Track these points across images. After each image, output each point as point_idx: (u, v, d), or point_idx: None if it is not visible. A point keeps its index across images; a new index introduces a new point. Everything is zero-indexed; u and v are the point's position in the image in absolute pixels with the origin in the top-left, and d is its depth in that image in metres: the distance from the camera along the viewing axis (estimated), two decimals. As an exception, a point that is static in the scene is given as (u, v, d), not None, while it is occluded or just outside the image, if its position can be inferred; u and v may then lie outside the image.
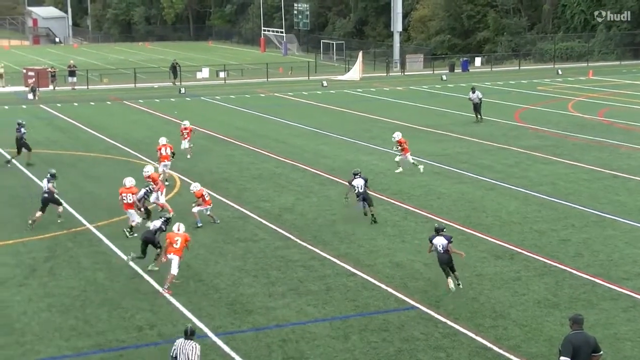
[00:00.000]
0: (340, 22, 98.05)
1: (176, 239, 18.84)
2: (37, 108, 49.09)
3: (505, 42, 78.15)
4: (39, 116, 45.76)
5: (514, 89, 56.57)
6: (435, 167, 31.35)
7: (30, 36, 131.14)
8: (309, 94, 55.62)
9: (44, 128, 41.40)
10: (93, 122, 42.80)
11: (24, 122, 32.82)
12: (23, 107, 49.67)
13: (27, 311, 17.44)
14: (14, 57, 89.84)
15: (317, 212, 25.12)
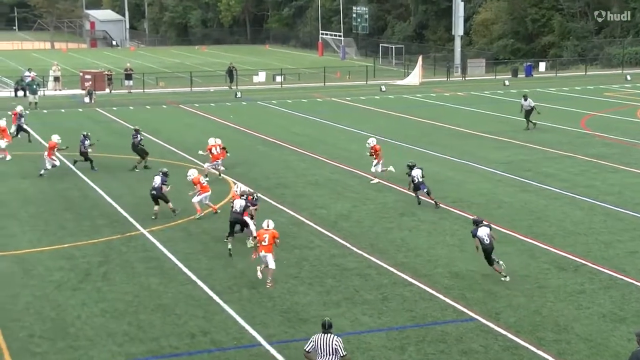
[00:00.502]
0: (399, 25, 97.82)
1: (264, 236, 19.54)
2: (93, 111, 49.90)
3: (571, 47, 77.14)
4: (95, 120, 46.49)
5: (579, 95, 55.80)
6: (497, 175, 31.07)
7: (88, 39, 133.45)
8: (366, 99, 55.58)
9: (100, 132, 42.02)
10: (149, 126, 43.27)
11: (140, 128, 33.68)
12: (79, 111, 50.53)
13: (81, 315, 17.72)
14: (71, 60, 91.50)
15: (374, 220, 25.07)
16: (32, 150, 36.72)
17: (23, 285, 19.57)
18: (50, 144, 31.35)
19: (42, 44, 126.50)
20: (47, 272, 20.50)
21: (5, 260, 21.45)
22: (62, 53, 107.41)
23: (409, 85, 64.47)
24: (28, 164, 33.66)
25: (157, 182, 25.30)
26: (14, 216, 25.80)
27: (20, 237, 23.57)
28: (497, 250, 21.92)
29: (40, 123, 44.53)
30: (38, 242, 23.11)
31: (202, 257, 21.58)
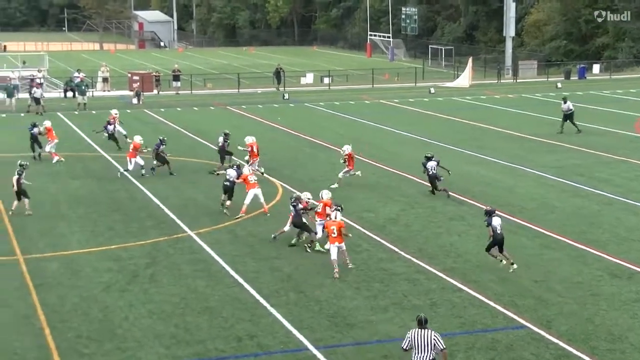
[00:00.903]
0: (449, 26, 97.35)
1: (332, 228, 20.61)
2: (141, 112, 50.42)
3: (626, 49, 76.02)
4: (143, 121, 46.97)
5: (634, 98, 55.04)
6: (549, 180, 30.76)
7: (136, 40, 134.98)
8: (415, 101, 55.42)
9: (147, 133, 42.41)
10: (196, 127, 43.68)
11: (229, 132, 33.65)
12: (127, 112, 51.04)
13: (129, 317, 17.91)
14: (119, 61, 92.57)
15: (423, 224, 24.98)
16: (80, 151, 37.22)
17: (71, 286, 19.84)
18: (134, 144, 31.42)
19: (91, 44, 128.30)
20: (95, 273, 20.76)
21: (54, 260, 21.77)
22: (110, 54, 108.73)
23: (458, 87, 64.15)
24: (77, 165, 34.13)
25: (232, 175, 25.91)
26: (64, 217, 26.17)
27: (69, 238, 23.90)
28: (548, 256, 21.78)
29: (89, 124, 45.05)
30: (86, 243, 23.42)
31: (249, 260, 21.68)
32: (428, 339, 13.36)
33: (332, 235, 20.55)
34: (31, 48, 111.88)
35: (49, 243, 23.35)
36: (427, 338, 13.37)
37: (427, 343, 13.34)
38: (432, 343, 13.33)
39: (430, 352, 13.31)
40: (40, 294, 19.24)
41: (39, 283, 19.99)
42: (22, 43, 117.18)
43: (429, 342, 13.34)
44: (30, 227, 24.97)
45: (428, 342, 13.34)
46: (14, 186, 26.24)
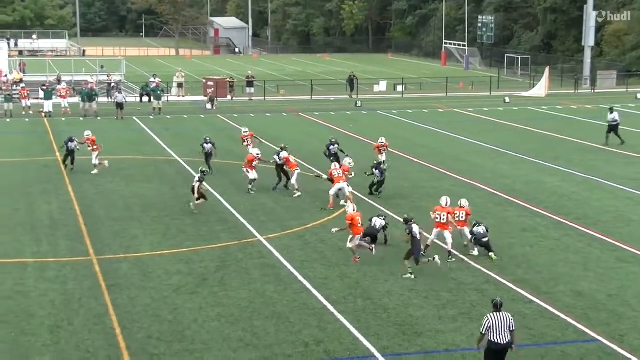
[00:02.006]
0: (527, 35, 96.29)
1: (357, 219, 22.20)
2: (214, 118, 51.06)
3: None
4: (216, 126, 47.55)
5: None
6: (627, 192, 30.25)
7: (211, 46, 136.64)
8: (489, 110, 54.99)
9: (220, 138, 42.94)
10: (268, 133, 44.00)
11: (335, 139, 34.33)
12: (201, 117, 51.80)
13: (198, 319, 18.18)
14: (194, 66, 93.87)
15: (494, 234, 24.73)
16: (154, 155, 37.86)
17: (142, 287, 20.22)
18: (248, 157, 30.33)
19: (167, 50, 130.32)
20: (165, 275, 21.12)
21: (126, 262, 22.21)
22: (186, 59, 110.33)
23: (534, 97, 63.43)
24: (151, 168, 34.71)
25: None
26: (137, 219, 26.68)
27: (141, 240, 24.36)
28: (623, 270, 21.44)
29: (163, 128, 45.86)
30: (158, 245, 23.83)
31: (317, 266, 21.81)
32: (506, 321, 14.46)
33: (357, 226, 22.15)
34: (109, 53, 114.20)
35: (121, 245, 23.84)
36: (505, 320, 14.46)
37: (505, 325, 14.43)
38: (509, 324, 14.45)
39: (507, 333, 14.41)
40: (112, 295, 19.66)
41: (112, 284, 20.43)
42: (100, 48, 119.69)
43: (507, 324, 14.46)
44: (104, 229, 25.52)
45: (506, 324, 14.45)
46: (194, 192, 27.06)
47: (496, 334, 14.39)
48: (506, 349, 14.47)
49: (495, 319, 14.46)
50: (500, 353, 14.49)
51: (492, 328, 14.40)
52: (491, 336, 14.40)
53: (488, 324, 14.44)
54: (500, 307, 14.57)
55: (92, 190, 30.63)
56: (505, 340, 14.39)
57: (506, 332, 14.41)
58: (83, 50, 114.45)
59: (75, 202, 28.77)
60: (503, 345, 14.39)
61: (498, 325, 14.40)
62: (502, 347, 14.42)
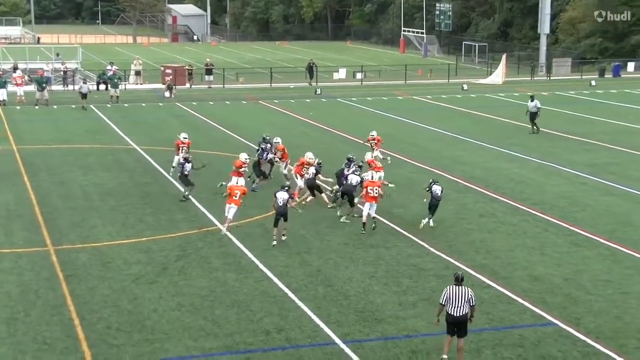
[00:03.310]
0: (483, 23, 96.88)
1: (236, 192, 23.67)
2: (173, 106, 50.72)
3: (662, 46, 75.32)
4: (174, 114, 47.28)
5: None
6: (582, 178, 30.62)
7: (169, 34, 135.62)
8: (448, 97, 55.27)
9: (179, 126, 42.74)
10: (228, 122, 43.88)
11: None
12: (159, 105, 51.43)
13: (158, 309, 18.10)
14: (152, 54, 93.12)
15: (453, 221, 24.97)
16: (112, 143, 37.54)
17: (101, 277, 20.07)
18: (236, 163, 27.94)
19: (124, 38, 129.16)
20: (125, 265, 20.99)
21: (85, 252, 22.02)
22: (143, 47, 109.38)
23: (491, 84, 63.87)
24: (109, 157, 34.41)
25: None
26: (95, 209, 26.45)
27: (100, 230, 24.17)
28: (578, 254, 21.72)
29: (121, 117, 45.48)
30: (117, 234, 23.66)
31: (278, 254, 21.81)
32: (465, 295, 14.99)
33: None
34: (65, 40, 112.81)
35: (79, 235, 23.62)
36: (464, 294, 15.00)
37: (463, 298, 14.96)
38: (468, 298, 14.98)
39: (465, 306, 14.94)
40: (70, 285, 19.49)
41: (69, 274, 20.25)
42: (56, 35, 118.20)
43: (466, 297, 14.98)
44: (61, 219, 25.26)
45: (465, 298, 14.97)
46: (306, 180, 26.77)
47: (453, 306, 14.97)
48: (461, 321, 14.98)
49: (454, 292, 15.04)
50: (455, 325, 15.04)
51: (450, 300, 15.00)
52: (448, 308, 15.02)
53: (446, 296, 15.08)
54: (461, 281, 15.18)
55: (48, 179, 30.30)
56: (461, 312, 14.93)
57: (464, 305, 14.95)
58: (37, 38, 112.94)
59: (32, 192, 28.42)
60: (457, 317, 14.96)
61: (456, 298, 14.98)
62: (456, 319, 14.98)
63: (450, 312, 15.02)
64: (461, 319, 15.00)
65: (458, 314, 14.98)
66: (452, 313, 15.01)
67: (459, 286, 15.16)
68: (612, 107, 49.84)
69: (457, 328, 15.08)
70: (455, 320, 15.00)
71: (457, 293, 15.07)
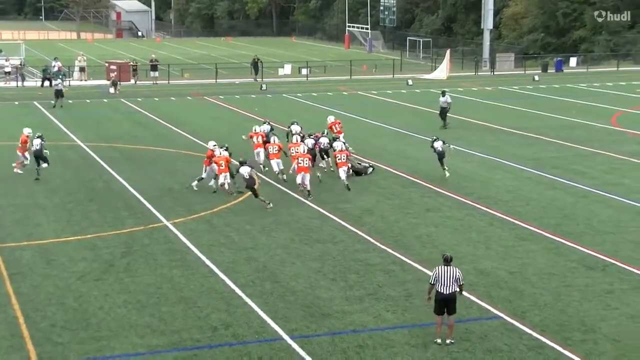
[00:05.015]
0: (427, 18, 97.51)
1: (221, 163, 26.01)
2: (118, 102, 50.18)
3: (603, 42, 76.43)
4: (119, 110, 46.76)
5: (611, 91, 55.40)
6: (525, 172, 30.92)
7: (114, 30, 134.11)
8: (393, 92, 55.49)
9: (124, 122, 42.27)
10: (173, 118, 43.52)
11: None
12: (104, 101, 50.84)
13: (104, 306, 17.84)
14: (96, 50, 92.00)
15: (399, 215, 25.05)
16: (56, 140, 36.97)
17: (46, 275, 19.74)
18: (209, 153, 27.82)
19: (68, 34, 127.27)
20: (70, 262, 20.67)
21: (29, 250, 21.64)
22: (87, 43, 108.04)
23: (436, 79, 64.27)
24: (53, 154, 33.83)
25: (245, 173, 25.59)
26: (40, 206, 26.03)
27: (45, 227, 23.77)
28: (523, 247, 21.92)
29: (66, 114, 44.83)
30: (62, 232, 23.30)
31: (225, 250, 21.67)
32: (453, 274, 15.88)
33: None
34: (8, 37, 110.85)
35: (24, 232, 23.22)
36: (452, 273, 15.88)
37: (451, 277, 15.83)
38: (457, 277, 15.88)
39: (454, 285, 15.83)
40: (14, 283, 19.14)
41: (14, 272, 19.89)
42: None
43: (454, 277, 15.86)
44: (5, 216, 24.82)
45: (453, 277, 15.84)
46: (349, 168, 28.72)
47: (442, 285, 15.82)
48: (449, 299, 15.85)
49: (443, 271, 15.88)
50: (444, 302, 15.85)
51: (439, 279, 15.84)
52: (438, 287, 15.87)
53: (436, 275, 15.92)
54: (450, 261, 15.98)
55: (-9, 177, 29.73)
56: (450, 290, 15.82)
57: (452, 283, 15.83)
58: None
59: (-26, 189, 27.87)
60: (446, 295, 15.80)
61: (444, 277, 15.83)
62: (445, 297, 15.80)
63: (440, 290, 15.86)
64: (450, 297, 15.86)
65: (447, 292, 15.82)
66: (441, 291, 15.84)
67: (448, 266, 15.92)
68: (555, 102, 50.46)
69: (447, 306, 15.88)
70: (445, 298, 15.82)
71: (445, 273, 15.88)
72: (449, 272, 15.91)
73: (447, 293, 15.84)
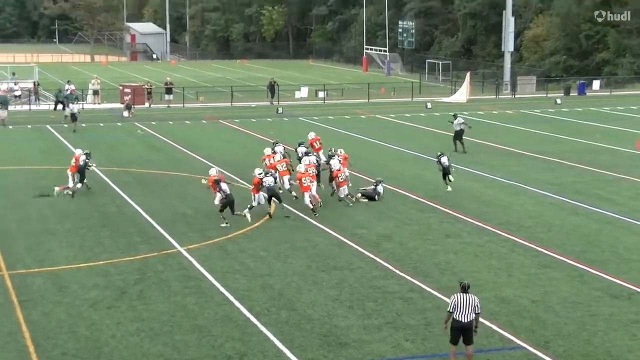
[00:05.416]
0: (447, 40, 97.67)
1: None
2: (131, 126, 50.39)
3: (627, 64, 76.26)
4: (133, 134, 46.93)
5: (635, 115, 55.18)
6: (548, 197, 30.77)
7: (128, 52, 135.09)
8: (411, 116, 55.49)
9: (138, 146, 42.43)
10: (188, 142, 43.65)
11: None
12: (118, 125, 51.08)
13: (116, 335, 17.80)
14: (110, 73, 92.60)
15: (418, 241, 24.94)
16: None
17: (57, 302, 19.73)
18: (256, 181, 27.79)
19: (82, 56, 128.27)
20: (82, 289, 20.66)
21: (40, 276, 21.66)
22: (101, 66, 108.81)
23: (455, 102, 64.24)
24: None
25: (269, 182, 27.34)
26: (51, 231, 26.08)
27: (56, 253, 23.80)
28: (546, 275, 21.75)
29: (79, 137, 45.05)
30: (74, 258, 23.32)
31: (240, 277, 21.61)
32: (472, 302, 15.74)
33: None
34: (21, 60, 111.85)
35: (35, 258, 23.26)
36: (471, 301, 15.74)
37: (469, 305, 15.71)
38: (475, 304, 15.74)
39: (472, 313, 15.71)
40: (25, 311, 19.13)
41: (25, 299, 19.89)
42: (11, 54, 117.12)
43: (473, 304, 15.73)
44: (16, 242, 24.88)
45: (472, 305, 15.72)
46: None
47: (460, 313, 15.68)
48: (467, 327, 15.71)
49: (461, 299, 15.73)
50: (461, 330, 15.73)
51: (457, 307, 15.71)
52: (456, 314, 15.72)
53: (454, 303, 15.73)
54: (468, 289, 15.85)
55: (2, 202, 29.86)
56: (468, 319, 15.68)
57: (470, 312, 15.69)
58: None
59: (-14, 214, 27.99)
60: (464, 323, 15.67)
61: (463, 305, 15.68)
62: (463, 325, 15.68)
63: (457, 318, 15.74)
64: (467, 325, 15.74)
65: (465, 320, 15.70)
66: (459, 319, 15.72)
67: (465, 294, 15.82)
68: (578, 126, 50.33)
69: (464, 335, 15.78)
70: (462, 326, 15.73)
71: (463, 300, 15.75)
72: (467, 300, 15.80)
73: (466, 321, 15.71)
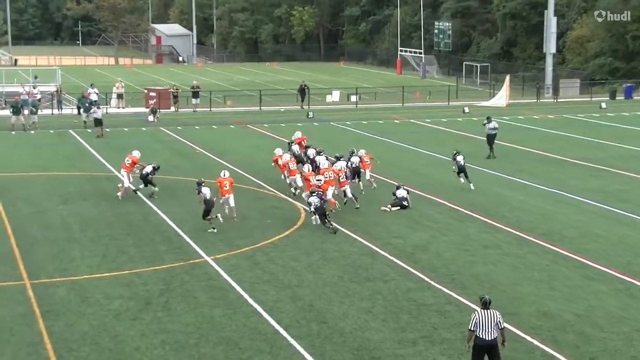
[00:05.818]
0: (485, 42, 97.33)
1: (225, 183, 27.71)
2: (157, 130, 50.68)
3: (676, 66, 75.60)
4: (158, 139, 47.21)
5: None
6: (592, 206, 30.55)
7: (153, 54, 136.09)
8: (448, 120, 55.36)
9: (163, 152, 42.66)
10: (215, 147, 43.82)
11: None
12: (142, 130, 51.39)
13: (140, 347, 17.89)
14: (135, 76, 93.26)
15: (455, 252, 24.85)
16: (92, 170, 37.42)
17: (80, 313, 19.87)
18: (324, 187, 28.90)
19: (106, 59, 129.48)
20: (105, 300, 20.79)
21: (63, 286, 21.82)
22: (126, 69, 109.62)
23: (494, 106, 63.99)
24: (89, 185, 34.29)
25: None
26: (75, 240, 26.28)
27: (79, 262, 23.98)
28: (591, 288, 21.57)
29: (103, 142, 45.39)
30: (97, 267, 23.48)
31: (268, 288, 21.64)
32: (494, 318, 15.51)
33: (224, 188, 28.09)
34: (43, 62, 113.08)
35: (57, 267, 23.44)
36: (493, 317, 15.52)
37: (493, 322, 15.48)
38: (497, 321, 15.51)
39: (494, 330, 15.45)
40: (47, 321, 19.28)
41: (47, 310, 20.05)
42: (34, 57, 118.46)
43: (495, 321, 15.50)
44: (38, 250, 25.09)
45: (494, 321, 15.49)
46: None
47: (482, 330, 15.44)
48: (492, 345, 15.45)
49: (482, 316, 15.51)
50: (485, 348, 15.46)
51: (479, 324, 15.46)
52: (478, 332, 15.48)
53: (475, 320, 15.52)
54: (489, 305, 15.60)
55: (26, 209, 30.15)
56: (491, 336, 15.42)
57: (493, 328, 15.45)
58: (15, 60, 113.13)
59: (7, 222, 28.25)
60: (488, 341, 15.41)
61: (484, 322, 15.45)
62: (487, 343, 15.42)
63: (480, 335, 15.49)
64: (492, 343, 15.50)
65: (489, 338, 15.45)
66: (482, 337, 15.47)
67: (487, 310, 15.59)
68: (624, 131, 49.95)
69: (489, 354, 15.51)
70: (486, 344, 15.46)
71: (485, 317, 15.53)
72: (490, 316, 15.57)
73: (490, 339, 15.44)
